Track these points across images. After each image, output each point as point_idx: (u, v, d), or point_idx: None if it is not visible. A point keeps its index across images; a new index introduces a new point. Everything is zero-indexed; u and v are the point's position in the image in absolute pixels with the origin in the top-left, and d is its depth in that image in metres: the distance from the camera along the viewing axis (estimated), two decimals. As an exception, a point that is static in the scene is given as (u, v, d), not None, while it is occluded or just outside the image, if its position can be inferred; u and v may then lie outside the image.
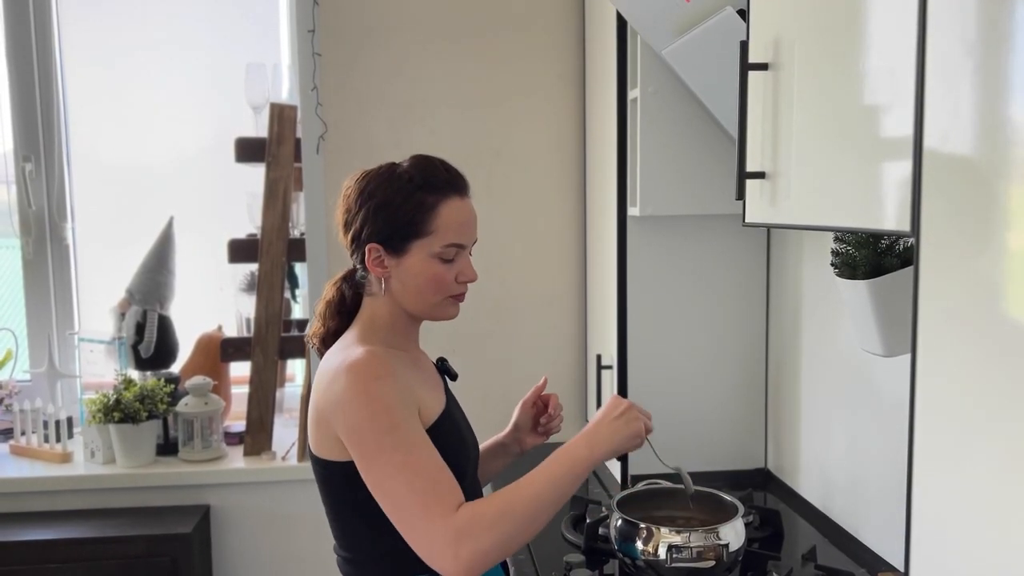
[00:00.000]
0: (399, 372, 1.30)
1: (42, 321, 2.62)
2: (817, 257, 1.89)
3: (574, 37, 2.54)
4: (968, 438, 0.84)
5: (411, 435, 1.25)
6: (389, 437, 1.23)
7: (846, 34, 1.10)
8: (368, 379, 1.26)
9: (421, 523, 1.21)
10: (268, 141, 2.46)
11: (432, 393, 1.38)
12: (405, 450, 1.23)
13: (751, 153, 1.34)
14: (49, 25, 2.56)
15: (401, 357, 1.37)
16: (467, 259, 1.37)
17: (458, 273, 1.36)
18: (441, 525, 1.20)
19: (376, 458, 1.24)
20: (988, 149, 0.81)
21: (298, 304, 2.72)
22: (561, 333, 2.62)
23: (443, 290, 1.36)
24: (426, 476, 1.22)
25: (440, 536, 1.19)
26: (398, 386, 1.28)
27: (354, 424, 1.25)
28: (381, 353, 1.32)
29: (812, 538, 1.80)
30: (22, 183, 2.57)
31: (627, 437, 1.32)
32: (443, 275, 1.34)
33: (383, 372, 1.27)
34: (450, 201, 1.34)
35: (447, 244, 1.33)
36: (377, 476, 1.24)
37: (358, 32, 2.48)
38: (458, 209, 1.35)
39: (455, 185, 1.36)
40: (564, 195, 2.58)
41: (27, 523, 2.30)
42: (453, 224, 1.34)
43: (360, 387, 1.25)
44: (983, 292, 0.82)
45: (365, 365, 1.27)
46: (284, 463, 2.43)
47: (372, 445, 1.24)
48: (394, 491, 1.23)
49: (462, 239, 1.35)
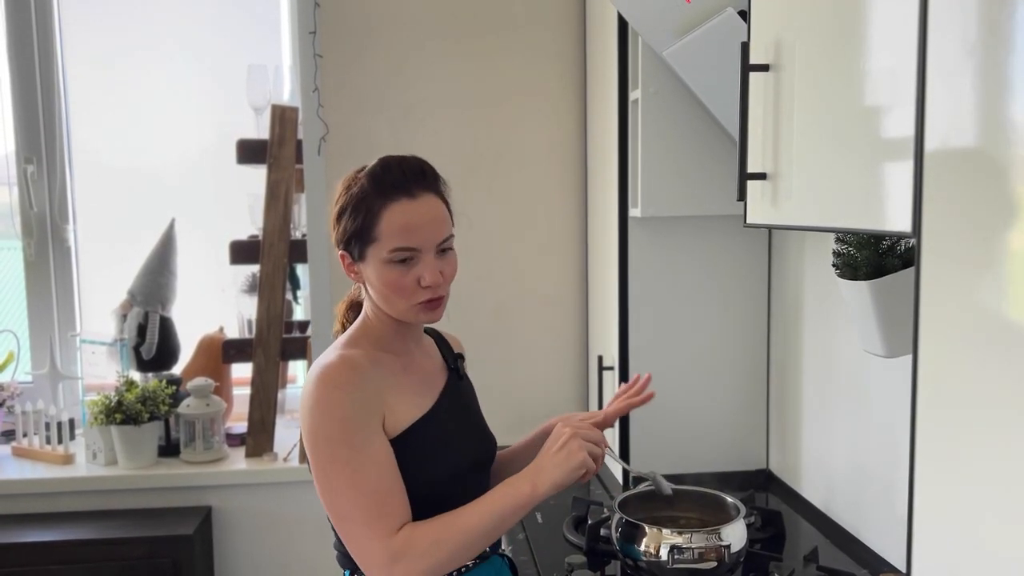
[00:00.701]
0: (368, 380, 1.29)
1: (44, 323, 2.62)
2: (818, 258, 1.89)
3: (575, 38, 2.54)
4: (970, 439, 0.84)
5: (364, 450, 1.25)
6: (341, 449, 1.25)
7: (847, 35, 1.10)
8: (330, 387, 1.27)
9: (361, 539, 1.25)
10: (269, 142, 2.46)
11: (414, 400, 1.35)
12: (355, 465, 1.25)
13: (752, 154, 1.34)
14: (51, 27, 2.57)
15: (386, 362, 1.35)
16: (428, 262, 1.29)
17: (419, 277, 1.29)
18: (379, 544, 1.23)
19: (326, 468, 1.26)
20: (989, 149, 0.81)
21: (299, 305, 2.72)
22: (562, 334, 2.62)
23: (405, 295, 1.30)
24: (371, 494, 1.24)
25: (377, 555, 1.23)
26: (360, 396, 1.27)
27: (311, 430, 1.27)
28: (356, 358, 1.31)
29: (814, 539, 1.80)
30: (24, 185, 2.57)
31: (569, 470, 1.27)
32: (399, 280, 1.29)
33: (346, 381, 1.27)
34: (395, 204, 1.28)
35: (393, 248, 1.28)
36: (325, 485, 1.27)
37: (359, 33, 2.48)
38: (403, 212, 1.28)
39: (403, 187, 1.29)
40: (565, 196, 2.58)
41: (29, 525, 2.30)
42: (397, 228, 1.28)
43: (321, 394, 1.27)
44: (985, 293, 0.82)
45: (331, 372, 1.28)
46: (286, 464, 2.43)
47: (324, 454, 1.26)
48: (339, 503, 1.26)
49: (409, 242, 1.28)
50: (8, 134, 2.59)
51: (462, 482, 1.37)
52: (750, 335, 2.16)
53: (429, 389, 1.40)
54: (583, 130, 2.56)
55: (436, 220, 1.31)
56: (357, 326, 1.39)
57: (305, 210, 2.49)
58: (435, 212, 1.31)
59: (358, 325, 1.39)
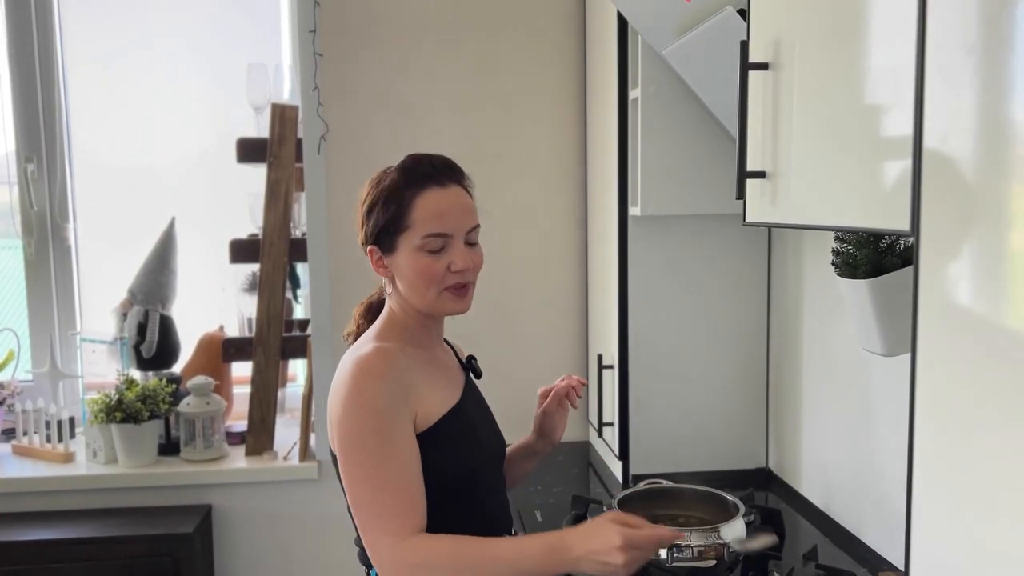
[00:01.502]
0: (404, 373, 1.32)
1: (44, 321, 2.62)
2: (818, 257, 1.89)
3: (575, 37, 2.54)
4: (968, 437, 0.84)
5: (392, 444, 1.27)
6: (370, 440, 1.26)
7: (846, 34, 1.10)
8: (367, 377, 1.29)
9: (375, 531, 1.26)
10: (269, 141, 2.46)
11: (443, 392, 1.39)
12: (381, 458, 1.26)
13: (751, 153, 1.34)
14: (51, 26, 2.57)
15: (415, 355, 1.38)
16: (459, 248, 1.34)
17: (450, 263, 1.33)
18: (390, 543, 1.24)
19: (353, 455, 1.28)
20: (988, 148, 0.81)
21: (299, 304, 2.73)
22: (562, 333, 2.62)
23: (435, 282, 1.34)
24: (392, 490, 1.25)
25: (387, 553, 1.24)
26: (396, 389, 1.29)
27: (342, 417, 1.29)
28: (391, 351, 1.33)
29: (813, 537, 1.80)
30: (24, 184, 2.57)
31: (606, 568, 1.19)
32: (430, 267, 1.33)
33: (383, 372, 1.29)
34: (427, 192, 1.33)
35: (427, 235, 1.32)
36: (349, 472, 1.29)
37: (359, 32, 2.48)
38: (435, 199, 1.33)
39: (433, 176, 1.35)
40: (565, 195, 2.58)
41: (29, 523, 2.31)
42: (430, 214, 1.32)
43: (358, 383, 1.29)
44: (983, 291, 0.82)
45: (369, 362, 1.30)
46: (285, 463, 2.43)
47: (353, 442, 1.28)
48: (360, 493, 1.28)
49: (443, 228, 1.33)
50: (8, 133, 2.59)
51: (483, 475, 1.41)
52: (749, 334, 2.16)
53: (454, 383, 1.45)
54: (583, 129, 2.56)
55: (466, 208, 1.37)
56: (383, 321, 1.41)
57: (305, 209, 2.49)
58: (464, 201, 1.37)
59: (384, 320, 1.42)
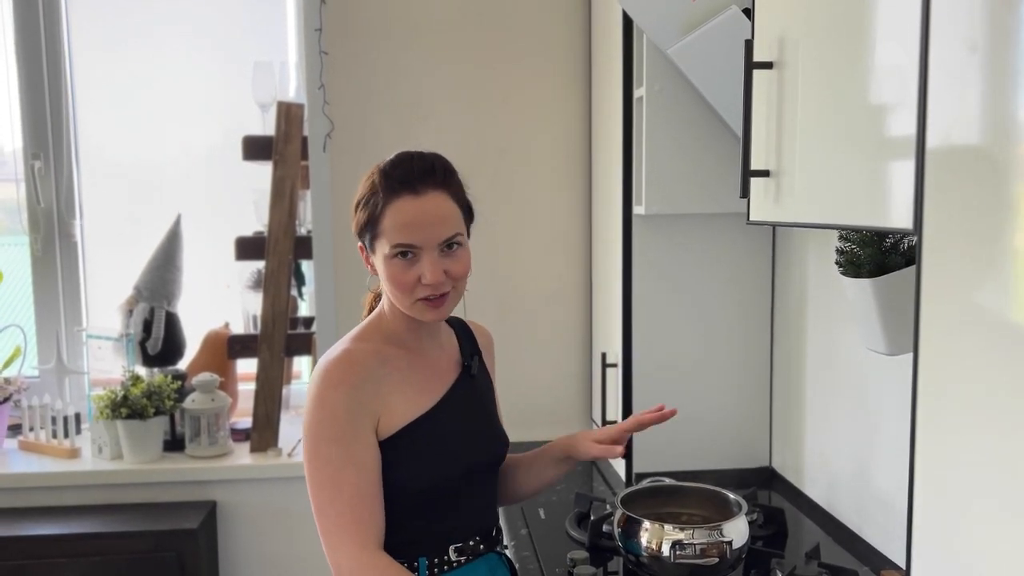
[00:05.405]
0: (367, 378, 1.30)
1: (50, 318, 2.64)
2: (821, 255, 1.89)
3: (580, 36, 2.55)
4: (971, 436, 0.84)
5: (349, 451, 1.27)
6: (329, 447, 1.28)
7: (850, 33, 1.10)
8: (327, 385, 1.29)
9: (332, 537, 1.28)
10: (275, 139, 2.47)
11: (415, 398, 1.34)
12: (338, 465, 1.27)
13: (755, 151, 1.34)
14: (58, 23, 2.58)
15: (394, 356, 1.35)
16: (428, 260, 1.28)
17: (420, 274, 1.28)
18: (345, 552, 1.27)
19: (312, 461, 1.30)
20: (991, 147, 0.81)
21: (304, 301, 2.73)
22: (566, 331, 2.62)
23: (407, 291, 1.30)
24: (348, 496, 1.27)
25: (345, 562, 1.27)
26: (357, 395, 1.28)
27: (305, 423, 1.31)
28: (355, 354, 1.32)
29: (816, 536, 1.80)
30: (31, 180, 2.58)
31: None
32: (400, 276, 1.29)
33: (342, 380, 1.29)
34: (399, 202, 1.28)
35: (394, 244, 1.28)
36: (309, 478, 1.31)
37: (365, 30, 2.48)
38: (406, 210, 1.27)
39: (408, 183, 1.28)
40: (570, 193, 2.59)
41: (35, 518, 2.32)
42: (399, 225, 1.27)
43: (318, 391, 1.30)
44: (986, 290, 0.82)
45: (330, 368, 1.31)
46: (290, 459, 2.44)
47: (313, 449, 1.30)
48: (319, 498, 1.30)
49: (409, 239, 1.27)
50: (15, 130, 2.60)
51: (462, 484, 1.36)
52: (753, 332, 2.16)
53: (434, 387, 1.38)
54: (587, 127, 2.57)
55: (439, 218, 1.29)
56: (371, 318, 1.41)
57: (310, 206, 2.50)
58: (439, 210, 1.29)
59: (372, 317, 1.41)
